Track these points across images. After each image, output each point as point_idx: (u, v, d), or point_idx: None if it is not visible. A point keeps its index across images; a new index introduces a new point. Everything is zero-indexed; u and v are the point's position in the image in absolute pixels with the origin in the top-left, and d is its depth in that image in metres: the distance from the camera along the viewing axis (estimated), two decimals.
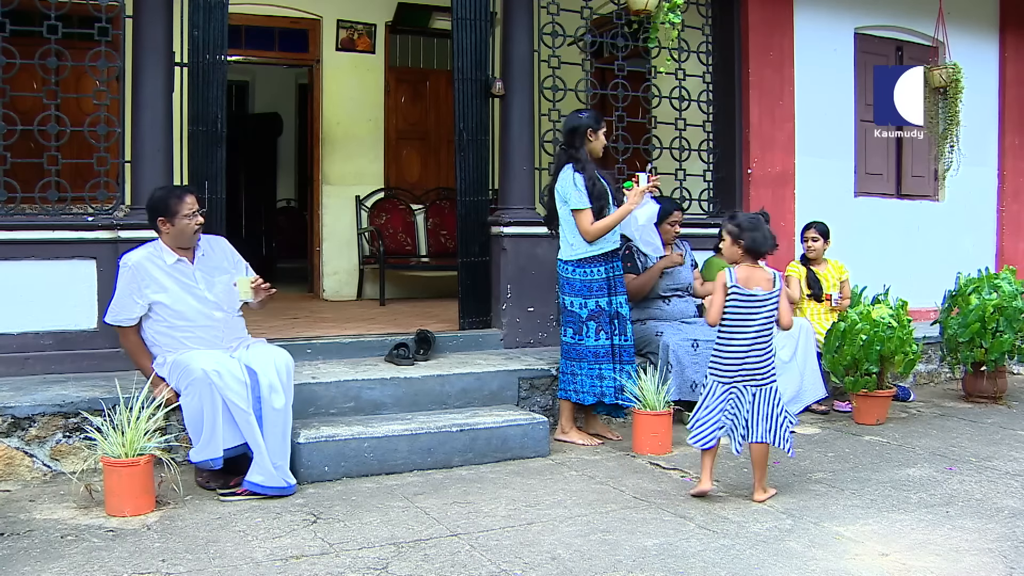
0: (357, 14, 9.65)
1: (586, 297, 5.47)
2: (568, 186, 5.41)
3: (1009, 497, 4.48)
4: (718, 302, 4.47)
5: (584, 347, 5.49)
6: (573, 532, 3.95)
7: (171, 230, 4.72)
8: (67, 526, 3.99)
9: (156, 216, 4.74)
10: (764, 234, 4.50)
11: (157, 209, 4.73)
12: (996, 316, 6.64)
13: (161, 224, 4.73)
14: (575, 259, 5.47)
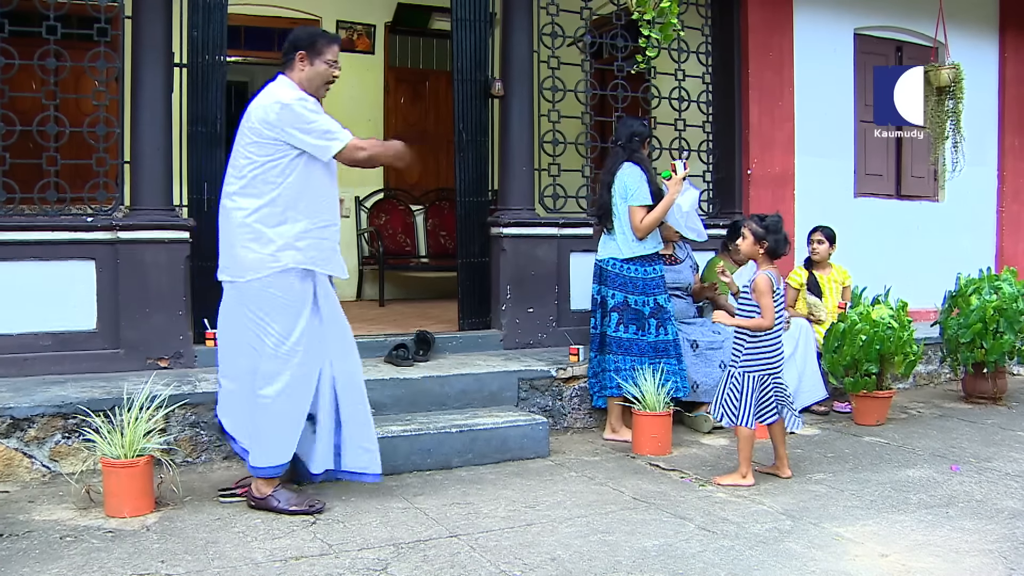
0: (356, 14, 9.66)
1: (647, 295, 5.58)
2: (635, 181, 5.51)
3: (1009, 498, 4.48)
4: (771, 304, 4.68)
5: (645, 343, 5.57)
6: (573, 533, 3.95)
7: (307, 70, 4.27)
8: (66, 527, 3.98)
9: (296, 50, 4.25)
10: (786, 238, 4.80)
11: (300, 43, 4.27)
12: (996, 317, 6.64)
13: (299, 59, 4.25)
14: (639, 256, 5.56)
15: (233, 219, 4.20)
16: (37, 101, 5.61)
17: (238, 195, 4.20)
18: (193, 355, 5.67)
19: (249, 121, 4.21)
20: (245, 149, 4.20)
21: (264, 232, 4.15)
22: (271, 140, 4.14)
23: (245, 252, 4.17)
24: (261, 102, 4.21)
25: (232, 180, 4.25)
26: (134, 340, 5.54)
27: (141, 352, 5.55)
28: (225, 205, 4.26)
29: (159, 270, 5.55)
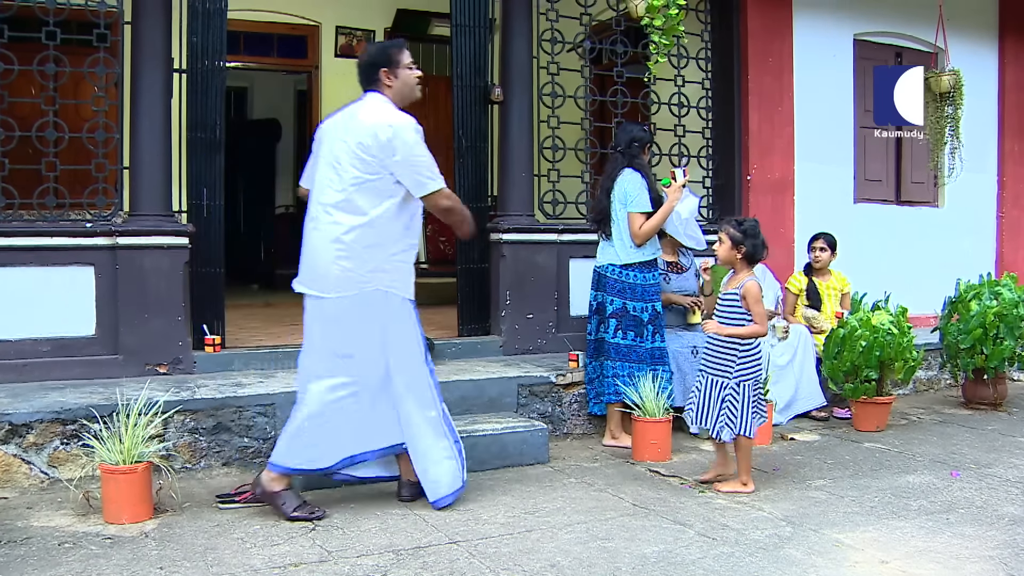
0: (356, 20, 9.67)
1: (646, 301, 5.59)
2: (635, 187, 5.51)
3: (1010, 504, 4.47)
4: (763, 311, 4.69)
5: (643, 349, 5.57)
6: (572, 539, 3.94)
7: (395, 83, 4.37)
8: (65, 533, 3.97)
9: (378, 68, 4.35)
10: (764, 242, 4.73)
11: (378, 61, 4.38)
12: (997, 323, 6.64)
13: (384, 76, 4.35)
14: (638, 263, 5.56)
15: (327, 233, 4.22)
16: (36, 107, 5.60)
17: (335, 209, 4.22)
18: (192, 361, 5.67)
19: (353, 135, 4.23)
20: (350, 164, 4.21)
21: (359, 252, 4.20)
22: (375, 160, 4.19)
23: (336, 269, 4.20)
24: (368, 120, 4.24)
25: (329, 191, 4.25)
26: (133, 346, 5.53)
27: (140, 358, 5.54)
28: (319, 216, 4.27)
29: (158, 276, 5.54)
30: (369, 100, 4.37)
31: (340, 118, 4.40)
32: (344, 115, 4.39)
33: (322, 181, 4.31)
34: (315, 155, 4.48)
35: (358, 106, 4.37)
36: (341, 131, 4.30)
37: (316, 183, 4.36)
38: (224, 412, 5.01)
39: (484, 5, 6.62)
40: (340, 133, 4.30)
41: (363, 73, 4.42)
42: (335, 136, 4.32)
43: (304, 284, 4.33)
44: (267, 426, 5.08)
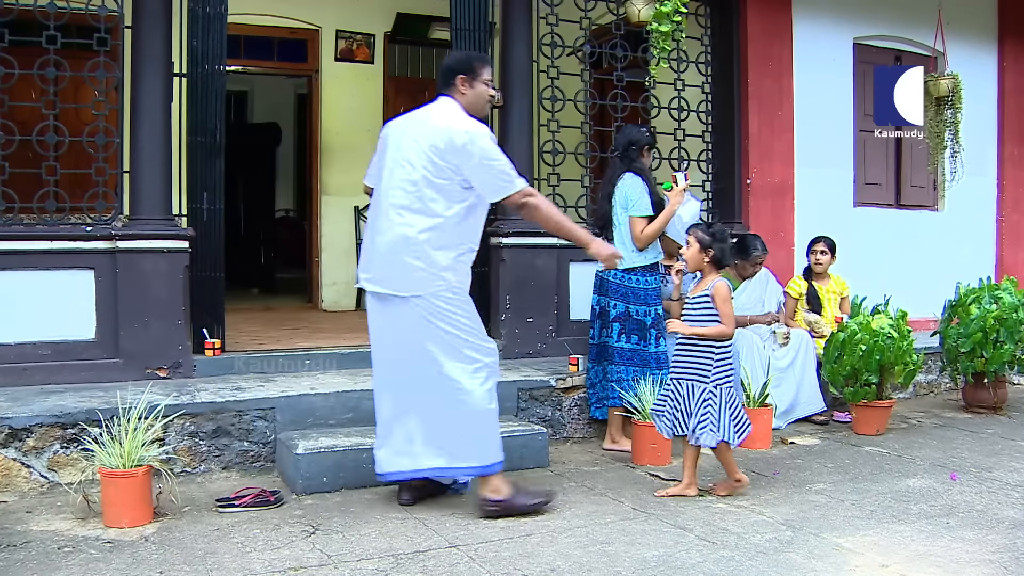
0: (356, 24, 9.67)
1: (648, 304, 5.58)
2: (636, 191, 5.51)
3: (1010, 508, 4.47)
4: (731, 312, 4.67)
5: (647, 353, 5.57)
6: (572, 544, 3.93)
7: (469, 93, 4.42)
8: (64, 537, 3.97)
9: (456, 74, 4.41)
10: (732, 248, 4.82)
11: (458, 67, 4.45)
12: (996, 327, 6.63)
13: (460, 83, 4.41)
14: (640, 266, 5.57)
15: (399, 232, 4.27)
16: (36, 111, 5.61)
17: (407, 210, 4.28)
18: (192, 365, 5.67)
19: (426, 137, 4.29)
20: (422, 165, 4.27)
21: (429, 252, 4.25)
22: (447, 164, 4.24)
23: (409, 268, 4.26)
24: (441, 123, 4.31)
25: (399, 193, 4.31)
26: (133, 350, 5.53)
27: (140, 362, 5.54)
28: (389, 216, 4.32)
29: (158, 279, 5.55)
30: (443, 104, 4.44)
31: (410, 119, 4.48)
32: (415, 117, 4.46)
33: (390, 181, 4.36)
34: (380, 154, 4.54)
35: (431, 109, 4.46)
36: (413, 132, 4.37)
37: (383, 182, 4.41)
38: (224, 416, 5.01)
39: (484, 9, 6.61)
40: (412, 133, 4.37)
41: (442, 76, 4.52)
42: (406, 136, 4.39)
43: (375, 283, 4.39)
44: (267, 430, 5.09)
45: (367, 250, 4.46)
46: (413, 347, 4.30)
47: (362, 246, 4.51)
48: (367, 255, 4.44)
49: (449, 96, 4.45)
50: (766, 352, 6.26)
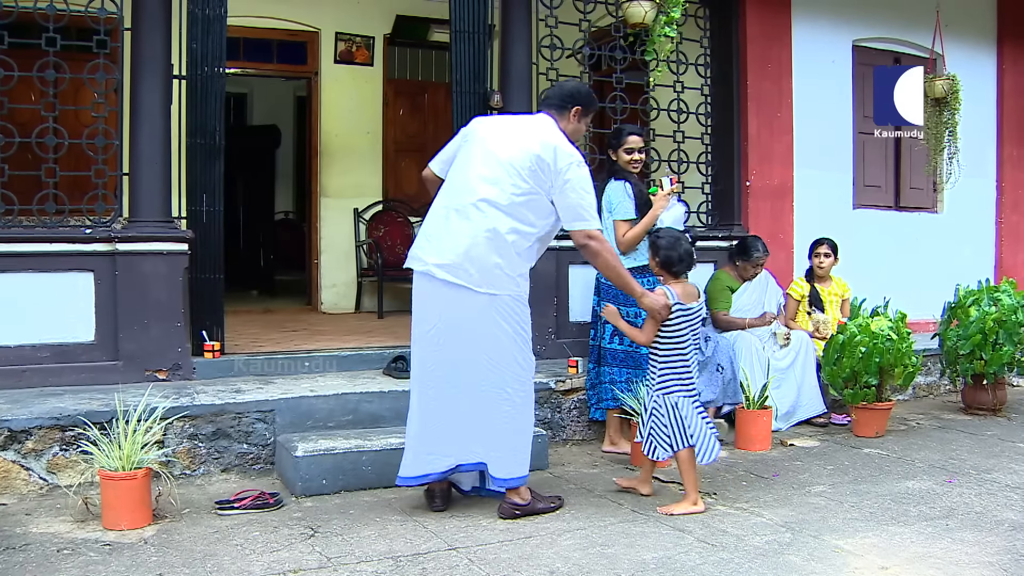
0: (356, 26, 9.67)
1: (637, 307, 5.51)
2: (618, 195, 5.52)
3: (1009, 510, 4.47)
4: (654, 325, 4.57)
5: (640, 355, 5.54)
6: (571, 546, 3.93)
7: (574, 124, 4.55)
8: (64, 540, 3.97)
9: (575, 104, 4.52)
10: (680, 254, 4.63)
11: (580, 99, 4.55)
12: (996, 329, 6.63)
13: (575, 114, 4.53)
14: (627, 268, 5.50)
15: (489, 226, 4.25)
16: (36, 113, 5.61)
17: (500, 209, 4.27)
18: (191, 367, 5.67)
19: (531, 145, 4.32)
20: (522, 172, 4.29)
21: (512, 255, 4.29)
22: (545, 179, 4.29)
23: (491, 266, 4.26)
24: (549, 138, 4.36)
25: (495, 190, 4.29)
26: (132, 352, 5.53)
27: (139, 364, 5.54)
28: (482, 209, 4.27)
29: (158, 282, 5.54)
30: (547, 121, 4.49)
31: (510, 124, 4.54)
32: (516, 123, 4.53)
33: (483, 174, 4.33)
34: (464, 147, 4.50)
35: (534, 121, 4.51)
36: (516, 137, 4.39)
37: (472, 172, 4.35)
38: (223, 418, 5.01)
39: (483, 11, 6.62)
40: (514, 138, 4.38)
41: (557, 97, 4.57)
42: (506, 138, 4.39)
43: (449, 271, 4.26)
44: (266, 432, 5.09)
45: (438, 234, 4.34)
46: (471, 339, 4.28)
47: (428, 229, 4.39)
48: (439, 237, 4.32)
49: (554, 117, 4.52)
50: (766, 354, 6.26)
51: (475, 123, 4.58)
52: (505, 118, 4.57)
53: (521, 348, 4.36)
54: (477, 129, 4.51)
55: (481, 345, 4.27)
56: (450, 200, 4.37)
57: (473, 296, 4.25)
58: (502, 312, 4.28)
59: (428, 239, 4.37)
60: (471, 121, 4.63)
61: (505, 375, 4.31)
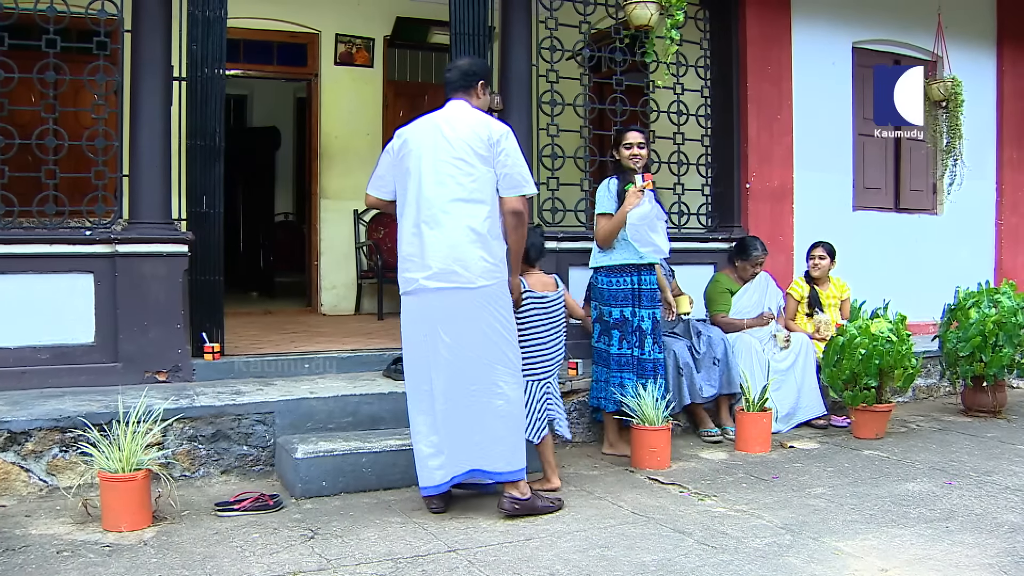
0: (356, 28, 9.67)
1: (611, 306, 5.57)
2: (603, 190, 5.58)
3: (1009, 512, 4.47)
4: None
5: (608, 354, 5.55)
6: (571, 548, 3.93)
7: (484, 98, 4.68)
8: (63, 542, 3.97)
9: (479, 79, 4.65)
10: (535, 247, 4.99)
11: (481, 72, 4.69)
12: (996, 331, 6.64)
13: (481, 88, 4.65)
14: (603, 267, 5.61)
15: (464, 224, 4.34)
16: (36, 114, 5.61)
17: (465, 202, 4.37)
18: (191, 369, 5.66)
19: (466, 134, 4.41)
20: (470, 160, 4.38)
21: (491, 242, 4.40)
22: (489, 156, 4.40)
23: (476, 259, 4.35)
24: (477, 120, 4.47)
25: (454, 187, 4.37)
26: (132, 353, 5.52)
27: (139, 365, 5.54)
28: (450, 211, 4.35)
29: (157, 283, 5.54)
30: (463, 106, 4.57)
31: (433, 123, 4.53)
32: (439, 119, 4.53)
33: (438, 179, 4.39)
34: (400, 162, 4.56)
35: (454, 110, 4.55)
36: (448, 131, 4.44)
37: (426, 183, 4.41)
38: (223, 420, 5.01)
39: (483, 13, 6.62)
40: (447, 133, 4.44)
41: (460, 78, 4.63)
42: (440, 136, 4.44)
43: (438, 279, 4.35)
44: (266, 434, 5.08)
45: (417, 251, 4.41)
46: (464, 341, 4.34)
47: (406, 250, 4.47)
48: (419, 255, 4.40)
49: (464, 99, 4.59)
50: (766, 356, 6.26)
51: (401, 135, 4.62)
52: (426, 120, 4.58)
53: (509, 341, 4.44)
54: (407, 140, 4.56)
55: (471, 344, 4.33)
56: (417, 216, 4.43)
57: (466, 294, 4.33)
58: (491, 304, 4.37)
59: (409, 259, 4.45)
60: (393, 137, 4.68)
61: (496, 371, 4.37)
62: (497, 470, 4.38)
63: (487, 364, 4.36)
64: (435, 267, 4.33)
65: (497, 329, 4.38)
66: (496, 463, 4.37)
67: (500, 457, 4.37)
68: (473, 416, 4.35)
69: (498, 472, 4.38)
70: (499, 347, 4.39)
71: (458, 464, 4.40)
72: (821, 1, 8.03)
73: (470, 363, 4.34)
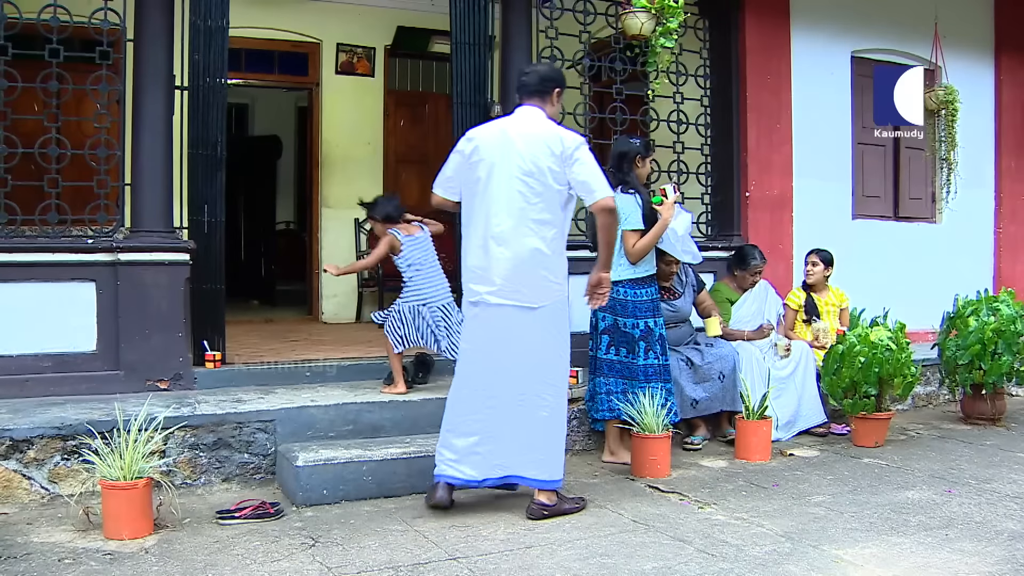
0: (357, 38, 9.71)
1: (636, 317, 5.57)
2: (628, 206, 5.48)
3: (1009, 519, 4.48)
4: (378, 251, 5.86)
5: (636, 366, 5.57)
6: (572, 556, 3.94)
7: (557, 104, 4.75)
8: (65, 549, 3.98)
9: (556, 85, 4.71)
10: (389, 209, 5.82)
11: (557, 79, 4.75)
12: (995, 339, 6.65)
13: (557, 95, 4.71)
14: (628, 279, 5.55)
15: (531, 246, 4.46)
16: (39, 123, 5.63)
17: (535, 223, 4.47)
18: (193, 377, 5.68)
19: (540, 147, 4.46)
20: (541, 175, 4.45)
21: (556, 262, 4.53)
22: (561, 171, 4.46)
23: (542, 280, 4.49)
24: (549, 131, 4.51)
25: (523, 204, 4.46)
26: (134, 362, 5.54)
27: (141, 374, 5.55)
28: (519, 229, 4.46)
29: (159, 292, 5.56)
30: (535, 114, 4.61)
31: (507, 129, 4.58)
32: (508, 131, 4.57)
33: (502, 195, 4.49)
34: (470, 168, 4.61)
35: (525, 120, 4.59)
36: (520, 142, 4.50)
37: (492, 199, 4.50)
38: (224, 428, 5.02)
39: (484, 23, 6.65)
40: (519, 144, 4.49)
41: (537, 83, 4.66)
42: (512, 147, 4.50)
43: (502, 295, 4.49)
44: (267, 442, 5.09)
45: (483, 265, 4.53)
46: (520, 355, 4.49)
47: (472, 262, 4.60)
48: (485, 270, 4.53)
49: (539, 106, 4.64)
50: (766, 364, 6.27)
51: (473, 139, 4.65)
52: (497, 127, 4.62)
53: (561, 355, 4.59)
54: (479, 147, 4.59)
55: (525, 358, 4.49)
56: (485, 231, 4.52)
57: (527, 313, 4.49)
58: (549, 322, 4.52)
59: (475, 271, 4.58)
60: (466, 134, 4.73)
61: (544, 384, 4.53)
62: (535, 477, 4.51)
63: (537, 377, 4.50)
64: (499, 284, 4.48)
65: (551, 346, 4.53)
66: (533, 470, 4.50)
67: (538, 464, 4.50)
68: (517, 423, 4.50)
69: (536, 480, 4.51)
70: (550, 362, 4.53)
71: (493, 467, 4.54)
72: (820, 10, 8.07)
73: (522, 375, 4.49)
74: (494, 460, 4.53)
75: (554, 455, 4.53)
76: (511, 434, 4.50)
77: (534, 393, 4.49)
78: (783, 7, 7.87)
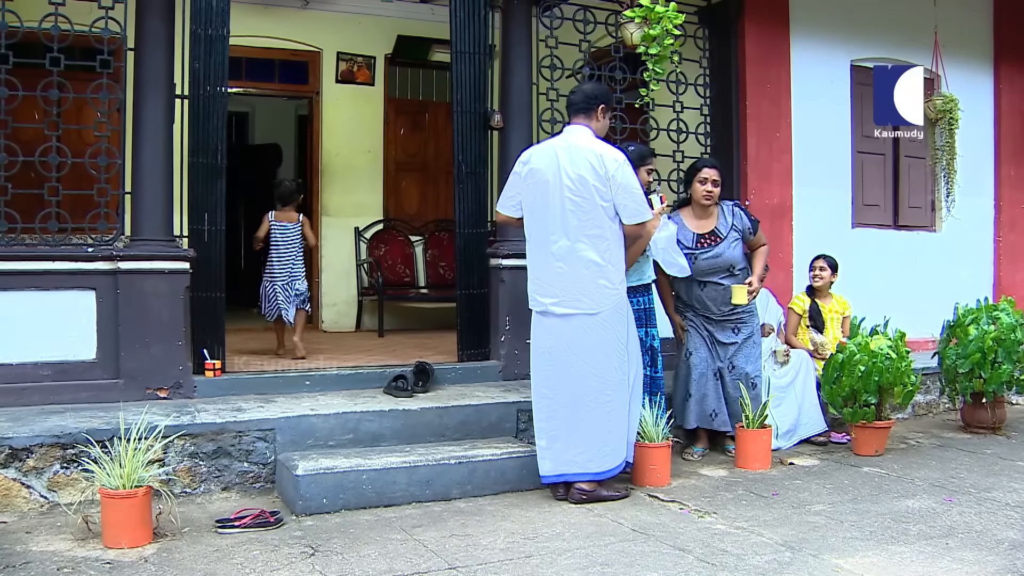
0: (357, 46, 9.73)
1: None
2: None
3: (1009, 529, 4.47)
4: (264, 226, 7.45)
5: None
6: (572, 565, 3.94)
7: (603, 121, 5.06)
8: (64, 558, 3.97)
9: (600, 103, 5.02)
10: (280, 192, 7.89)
11: (602, 96, 5.05)
12: (995, 347, 6.64)
13: (601, 111, 5.04)
14: None
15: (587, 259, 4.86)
16: (39, 132, 5.65)
17: (588, 237, 4.86)
18: (192, 385, 5.67)
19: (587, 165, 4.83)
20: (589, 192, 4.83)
21: (611, 271, 4.92)
22: (606, 188, 4.83)
23: (599, 288, 4.89)
24: (596, 149, 4.89)
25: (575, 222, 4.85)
26: (134, 370, 5.54)
27: (140, 382, 5.55)
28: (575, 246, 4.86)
29: (159, 300, 5.56)
30: (582, 132, 4.98)
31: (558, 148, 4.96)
32: (558, 151, 4.94)
33: (559, 214, 4.87)
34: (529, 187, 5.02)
35: (572, 140, 4.97)
36: (568, 161, 4.88)
37: (550, 216, 4.90)
38: (224, 437, 5.02)
39: (484, 32, 6.67)
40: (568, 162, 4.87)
41: (583, 101, 5.01)
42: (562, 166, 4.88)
43: (564, 305, 4.91)
44: (267, 451, 5.09)
45: (545, 278, 4.96)
46: (584, 357, 4.89)
47: (536, 274, 5.03)
48: (547, 283, 4.95)
49: (585, 124, 5.01)
50: (766, 372, 6.26)
51: (527, 161, 5.06)
52: (549, 148, 5.01)
53: (621, 355, 4.98)
54: (532, 169, 4.99)
55: (590, 360, 4.89)
56: (544, 247, 4.96)
57: (589, 319, 4.87)
58: (610, 324, 4.91)
59: (539, 283, 5.01)
60: (520, 156, 5.17)
61: (608, 382, 4.91)
62: (596, 470, 4.88)
63: (602, 376, 4.89)
64: (560, 296, 4.90)
65: (613, 345, 4.92)
66: (591, 464, 4.87)
67: (599, 458, 4.88)
68: (583, 421, 4.89)
69: (595, 472, 4.88)
70: (612, 361, 4.93)
71: (562, 464, 4.92)
72: (820, 20, 8.09)
73: (588, 375, 4.89)
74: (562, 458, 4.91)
75: (617, 443, 4.94)
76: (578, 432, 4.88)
77: (598, 391, 4.87)
78: (783, 16, 7.89)
